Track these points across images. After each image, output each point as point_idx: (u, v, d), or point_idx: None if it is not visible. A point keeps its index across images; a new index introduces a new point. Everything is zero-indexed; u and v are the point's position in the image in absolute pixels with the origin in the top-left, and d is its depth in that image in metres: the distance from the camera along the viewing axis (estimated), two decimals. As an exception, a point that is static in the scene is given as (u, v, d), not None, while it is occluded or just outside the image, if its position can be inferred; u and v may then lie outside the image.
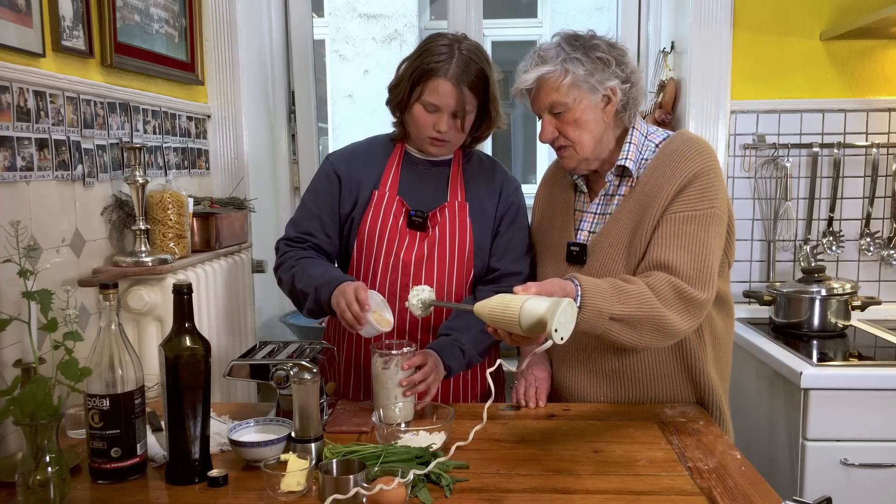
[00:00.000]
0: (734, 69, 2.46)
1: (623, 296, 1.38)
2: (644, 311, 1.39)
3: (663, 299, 1.41)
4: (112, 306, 1.25)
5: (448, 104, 1.64)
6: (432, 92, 1.63)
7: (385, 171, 1.75)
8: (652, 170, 1.56)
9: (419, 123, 1.67)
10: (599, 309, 1.35)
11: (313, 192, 1.79)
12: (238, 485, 1.25)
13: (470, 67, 1.63)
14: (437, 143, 1.69)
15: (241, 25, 2.56)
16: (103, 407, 1.23)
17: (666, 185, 1.51)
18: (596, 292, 1.36)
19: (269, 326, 2.88)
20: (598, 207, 1.64)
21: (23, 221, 1.44)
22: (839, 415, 1.89)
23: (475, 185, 1.78)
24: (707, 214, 1.49)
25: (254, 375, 1.49)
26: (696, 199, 1.50)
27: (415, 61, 1.66)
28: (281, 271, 1.74)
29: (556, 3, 5.27)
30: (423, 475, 1.23)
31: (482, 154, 1.86)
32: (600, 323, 1.36)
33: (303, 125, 2.96)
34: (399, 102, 1.70)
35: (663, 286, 1.43)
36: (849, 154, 2.49)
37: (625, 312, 1.37)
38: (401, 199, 1.73)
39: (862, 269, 2.53)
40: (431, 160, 1.77)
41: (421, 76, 1.64)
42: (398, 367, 1.52)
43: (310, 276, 1.65)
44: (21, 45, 1.54)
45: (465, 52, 1.64)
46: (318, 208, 1.76)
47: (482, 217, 1.76)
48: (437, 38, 1.68)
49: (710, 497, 1.18)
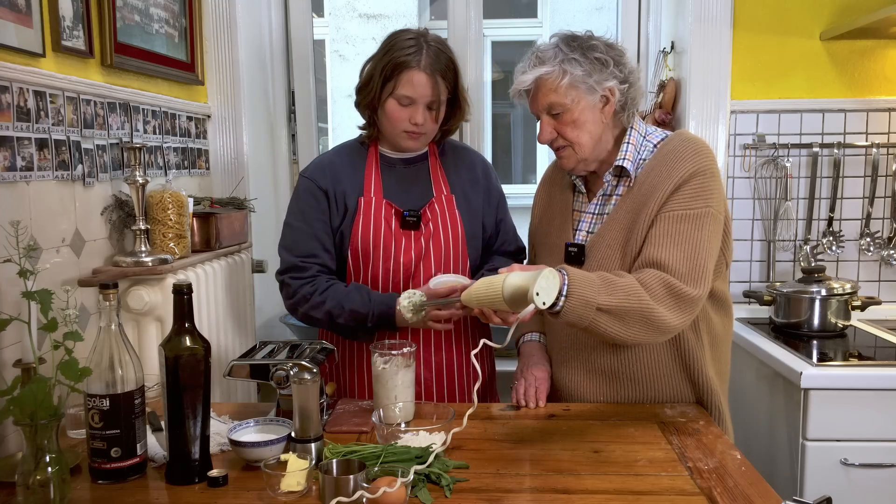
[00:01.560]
0: (734, 69, 2.47)
1: (611, 287, 1.39)
2: (632, 303, 1.39)
3: (653, 294, 1.41)
4: (112, 306, 1.25)
5: (423, 94, 1.64)
6: (406, 84, 1.63)
7: (366, 177, 1.75)
8: (649, 170, 1.56)
9: (393, 119, 1.67)
10: (586, 298, 1.35)
11: (300, 213, 1.74)
12: (238, 485, 1.25)
13: (440, 57, 1.66)
14: (413, 136, 1.69)
15: (241, 25, 2.56)
16: (103, 407, 1.23)
17: (661, 184, 1.51)
18: (583, 282, 1.36)
19: (269, 326, 2.88)
20: (596, 208, 1.64)
21: (23, 221, 1.44)
22: (839, 415, 1.89)
23: (457, 176, 1.80)
24: (701, 213, 1.49)
25: (254, 375, 1.49)
26: (690, 198, 1.49)
27: (383, 58, 1.66)
28: (308, 309, 1.70)
29: (556, 3, 5.27)
30: (423, 475, 1.23)
31: (453, 141, 1.87)
32: (587, 313, 1.36)
33: (303, 125, 2.96)
34: (370, 101, 1.70)
35: (653, 281, 1.43)
36: (849, 154, 2.49)
37: (612, 303, 1.37)
38: (388, 202, 1.72)
39: (862, 269, 2.53)
40: (407, 158, 1.78)
41: (393, 70, 1.64)
42: (398, 367, 1.52)
43: (352, 310, 1.66)
44: (21, 45, 1.54)
45: (434, 43, 1.66)
46: (311, 227, 1.72)
47: (469, 207, 1.78)
48: (401, 33, 1.69)
49: (710, 497, 1.18)
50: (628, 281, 1.42)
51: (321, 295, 1.68)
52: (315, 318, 1.71)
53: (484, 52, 3.00)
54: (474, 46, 2.76)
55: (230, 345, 2.25)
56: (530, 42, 5.44)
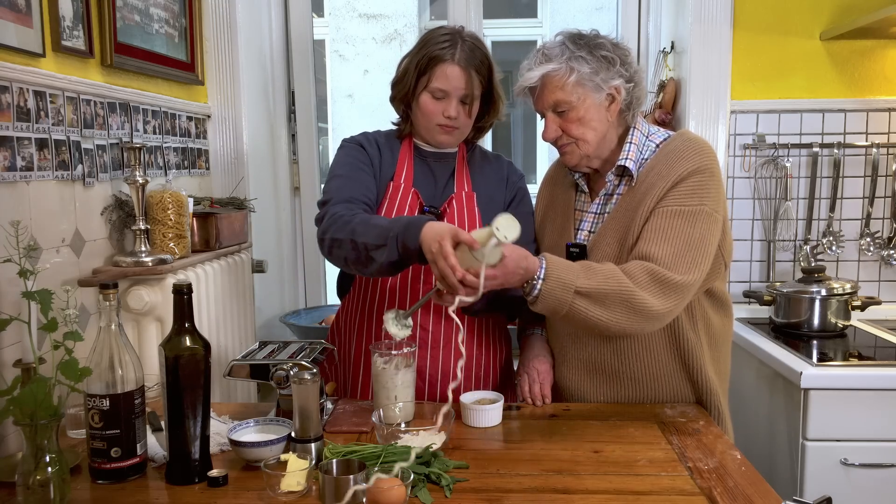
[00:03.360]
0: (734, 69, 2.47)
1: (590, 272, 1.41)
2: (611, 286, 1.39)
3: (635, 280, 1.42)
4: (112, 306, 1.25)
5: (457, 88, 1.65)
6: (440, 77, 1.65)
7: (399, 163, 1.76)
8: (650, 169, 1.56)
9: (427, 112, 1.68)
10: (563, 281, 1.37)
11: (346, 165, 1.70)
12: (238, 485, 1.25)
13: (475, 53, 1.67)
14: (447, 129, 1.70)
15: (241, 25, 2.56)
16: (103, 407, 1.23)
17: (660, 182, 1.52)
18: (560, 266, 1.39)
19: (269, 326, 2.88)
20: (598, 207, 1.65)
21: (23, 221, 1.44)
22: (839, 415, 1.89)
23: (481, 175, 1.80)
24: (695, 211, 1.49)
25: (254, 375, 1.49)
26: (686, 195, 1.49)
27: (419, 52, 1.68)
28: (334, 231, 1.54)
29: (556, 3, 5.27)
30: (423, 475, 1.23)
31: (484, 149, 1.88)
32: (565, 296, 1.37)
33: (303, 125, 2.96)
34: (405, 95, 1.71)
35: (635, 269, 1.44)
36: (849, 154, 2.49)
37: (591, 286, 1.38)
38: (416, 192, 1.73)
39: (862, 269, 2.53)
40: (439, 153, 1.78)
41: (428, 64, 1.65)
42: (398, 367, 1.52)
43: (377, 224, 1.49)
44: (21, 45, 1.54)
45: (469, 39, 1.68)
46: (357, 175, 1.68)
47: (490, 205, 1.77)
48: (438, 30, 1.70)
49: (710, 497, 1.18)
50: (609, 267, 1.43)
51: (352, 216, 1.55)
52: (339, 243, 1.54)
53: (484, 52, 3.00)
54: (474, 46, 2.76)
55: (230, 345, 2.25)
56: (530, 42, 5.45)
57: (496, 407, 1.53)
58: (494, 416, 1.53)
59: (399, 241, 1.44)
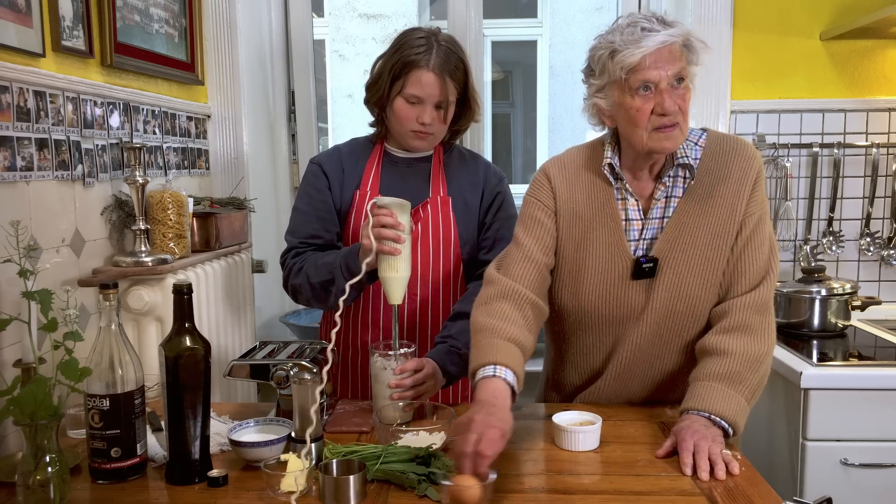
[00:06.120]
0: (734, 69, 2.47)
1: (733, 384, 1.37)
2: (755, 379, 1.39)
3: (759, 338, 1.42)
4: (112, 306, 1.25)
5: (431, 95, 1.64)
6: (415, 83, 1.63)
7: (365, 172, 1.75)
8: (711, 169, 1.46)
9: (401, 118, 1.67)
10: (744, 413, 1.37)
11: (305, 196, 1.76)
12: (238, 485, 1.25)
13: (450, 58, 1.65)
14: (421, 135, 1.69)
15: (241, 25, 2.57)
16: (103, 407, 1.23)
17: (733, 185, 1.45)
18: (732, 408, 1.35)
19: (269, 326, 2.88)
20: (659, 211, 1.48)
21: (23, 221, 1.44)
22: (839, 415, 1.89)
23: (457, 179, 1.78)
24: (766, 210, 1.49)
25: (254, 375, 1.49)
26: (762, 198, 1.48)
27: (393, 55, 1.66)
28: (292, 279, 1.70)
29: (556, 3, 5.27)
30: (425, 475, 1.23)
31: (462, 148, 1.86)
32: (745, 413, 1.38)
33: (303, 125, 2.96)
34: (379, 99, 1.70)
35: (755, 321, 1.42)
36: (849, 154, 2.49)
37: (752, 392, 1.39)
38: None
39: (862, 269, 2.53)
40: (412, 157, 1.77)
41: (402, 69, 1.64)
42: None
43: (324, 262, 1.62)
44: (21, 45, 1.54)
45: (444, 43, 1.65)
46: (314, 209, 1.74)
47: (466, 210, 1.76)
48: (413, 31, 1.68)
49: (710, 497, 1.18)
50: (742, 357, 1.39)
51: (303, 262, 1.68)
52: (298, 287, 1.69)
53: (484, 52, 3.00)
54: (474, 46, 2.76)
55: (230, 345, 2.25)
56: (530, 42, 5.44)
57: (594, 429, 1.38)
58: (592, 439, 1.38)
59: (344, 268, 1.58)
